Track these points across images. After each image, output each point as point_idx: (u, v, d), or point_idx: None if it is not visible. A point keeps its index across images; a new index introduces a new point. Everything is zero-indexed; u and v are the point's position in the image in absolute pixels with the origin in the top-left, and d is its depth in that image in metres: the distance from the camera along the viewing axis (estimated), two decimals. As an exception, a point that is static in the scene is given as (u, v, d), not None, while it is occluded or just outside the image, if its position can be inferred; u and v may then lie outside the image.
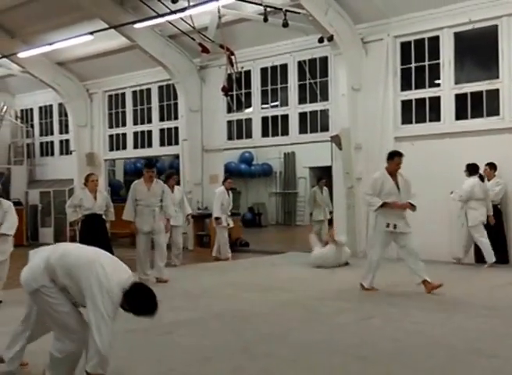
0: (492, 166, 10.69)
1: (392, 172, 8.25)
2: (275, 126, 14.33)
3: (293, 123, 13.93)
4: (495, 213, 10.61)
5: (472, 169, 10.48)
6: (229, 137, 15.20)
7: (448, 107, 11.48)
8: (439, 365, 5.00)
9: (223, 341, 5.78)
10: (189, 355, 5.36)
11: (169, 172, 12.56)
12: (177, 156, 16.44)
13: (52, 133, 19.12)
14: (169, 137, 16.24)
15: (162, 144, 16.49)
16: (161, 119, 16.43)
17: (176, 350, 5.56)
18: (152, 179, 9.38)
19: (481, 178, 10.48)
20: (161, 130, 16.44)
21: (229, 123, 15.13)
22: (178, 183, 12.70)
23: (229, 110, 14.91)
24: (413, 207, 8.15)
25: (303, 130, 13.84)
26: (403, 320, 6.54)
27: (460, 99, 11.37)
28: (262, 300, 7.74)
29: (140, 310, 4.13)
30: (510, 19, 10.64)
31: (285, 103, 14.10)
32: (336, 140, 12.54)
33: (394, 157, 8.30)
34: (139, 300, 4.10)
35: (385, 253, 8.47)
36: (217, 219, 12.37)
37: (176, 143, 15.93)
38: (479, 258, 10.60)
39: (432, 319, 6.63)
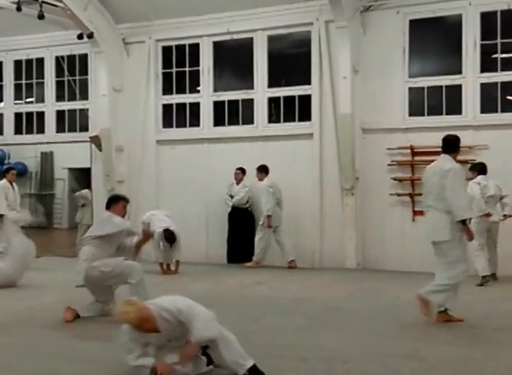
0: (242, 171, 11.19)
1: None
2: (29, 123, 13.44)
3: (50, 121, 13.22)
4: (247, 217, 11.17)
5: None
6: (-23, 133, 13.89)
7: (207, 113, 11.83)
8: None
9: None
10: None
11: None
12: None
13: None
14: None
15: None
16: None
17: None
18: None
19: None
20: None
21: (-23, 117, 13.84)
22: None
23: (-23, 104, 13.64)
24: None
25: (60, 128, 13.20)
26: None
27: (219, 106, 11.79)
28: (9, 309, 7.12)
29: None
30: (264, 33, 11.29)
31: (41, 100, 13.31)
32: (96, 141, 12.18)
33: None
34: None
35: None
36: (1, 216, 10.83)
37: None
38: (231, 258, 11.11)
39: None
